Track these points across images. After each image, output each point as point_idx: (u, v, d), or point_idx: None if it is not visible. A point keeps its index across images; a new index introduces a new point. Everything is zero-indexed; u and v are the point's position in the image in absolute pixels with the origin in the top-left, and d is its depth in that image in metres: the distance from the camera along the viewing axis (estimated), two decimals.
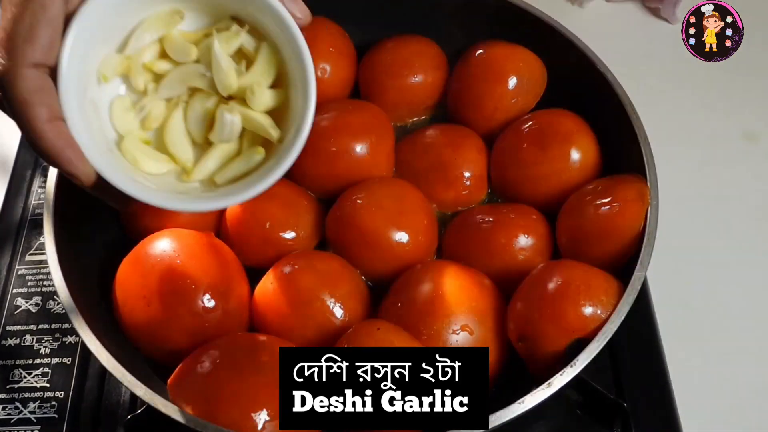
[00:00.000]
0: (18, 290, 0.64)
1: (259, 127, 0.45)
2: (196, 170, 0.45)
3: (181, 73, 0.45)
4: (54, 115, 0.38)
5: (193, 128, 0.46)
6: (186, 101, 0.46)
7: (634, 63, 0.77)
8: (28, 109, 0.37)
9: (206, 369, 0.49)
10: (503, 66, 0.63)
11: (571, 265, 0.53)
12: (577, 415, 0.56)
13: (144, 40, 0.44)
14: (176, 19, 0.44)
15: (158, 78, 0.45)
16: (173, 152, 0.45)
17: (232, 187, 0.45)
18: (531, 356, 0.51)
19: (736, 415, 0.60)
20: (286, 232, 0.59)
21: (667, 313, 0.62)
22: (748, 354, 0.62)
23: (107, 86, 0.44)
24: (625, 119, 0.57)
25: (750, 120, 0.76)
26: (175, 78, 0.45)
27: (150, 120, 0.45)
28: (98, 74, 0.43)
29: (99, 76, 0.43)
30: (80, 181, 0.40)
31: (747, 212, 0.70)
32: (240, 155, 0.46)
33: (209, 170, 0.46)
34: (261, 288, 0.56)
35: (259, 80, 0.44)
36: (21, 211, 0.68)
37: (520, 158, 0.60)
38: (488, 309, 0.53)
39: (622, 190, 0.54)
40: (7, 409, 0.58)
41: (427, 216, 0.59)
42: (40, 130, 0.37)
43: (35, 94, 0.37)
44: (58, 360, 0.60)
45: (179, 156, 0.45)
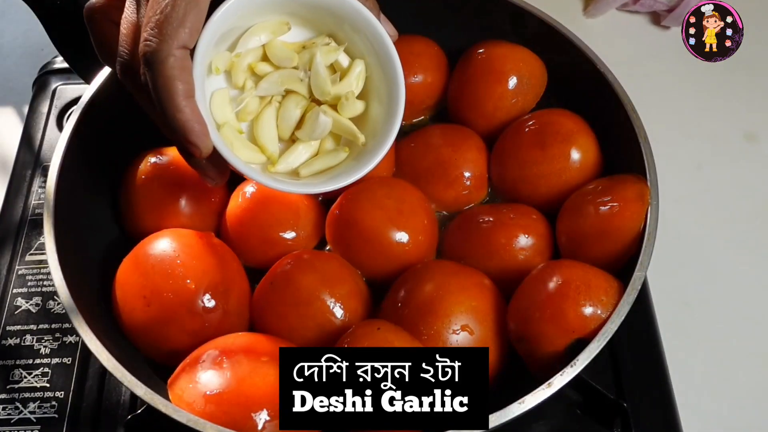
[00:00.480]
0: (18, 290, 0.64)
1: (346, 130, 0.51)
2: (281, 161, 0.51)
3: (281, 75, 0.50)
4: (190, 92, 0.43)
5: (281, 125, 0.51)
6: (279, 101, 0.51)
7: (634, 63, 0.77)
8: (174, 83, 0.42)
9: (206, 369, 0.49)
10: (503, 66, 0.63)
11: (571, 265, 0.53)
12: (577, 415, 0.56)
13: (251, 43, 0.50)
14: (283, 28, 0.50)
15: (255, 77, 0.50)
16: (262, 143, 0.51)
17: (315, 179, 0.51)
18: (531, 356, 0.51)
19: (736, 415, 0.60)
20: (286, 232, 0.59)
21: (667, 313, 0.62)
22: (748, 354, 0.62)
23: (214, 78, 0.49)
24: (625, 119, 0.57)
25: (750, 120, 0.76)
26: (275, 79, 0.50)
27: (245, 113, 0.50)
28: (212, 66, 0.48)
29: (213, 68, 0.48)
30: (199, 152, 0.44)
31: (747, 212, 0.70)
32: (326, 153, 0.52)
33: (292, 163, 0.51)
34: (261, 288, 0.56)
35: (351, 90, 0.50)
36: (21, 211, 0.68)
37: (520, 158, 0.60)
38: (488, 309, 0.53)
39: (622, 190, 0.54)
40: (7, 409, 0.58)
41: (427, 216, 0.59)
42: (181, 105, 0.43)
43: (180, 71, 0.42)
44: (58, 360, 0.60)
45: (267, 147, 0.51)
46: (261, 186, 0.59)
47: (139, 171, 0.59)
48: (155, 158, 0.60)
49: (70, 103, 0.74)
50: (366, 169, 0.49)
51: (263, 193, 0.59)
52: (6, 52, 0.85)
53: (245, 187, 0.60)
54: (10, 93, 0.81)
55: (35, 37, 0.84)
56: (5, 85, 0.82)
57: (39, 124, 0.74)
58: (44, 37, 0.62)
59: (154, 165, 0.59)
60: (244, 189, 0.60)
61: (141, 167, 0.60)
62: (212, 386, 0.48)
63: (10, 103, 0.80)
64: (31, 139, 0.73)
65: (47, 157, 0.71)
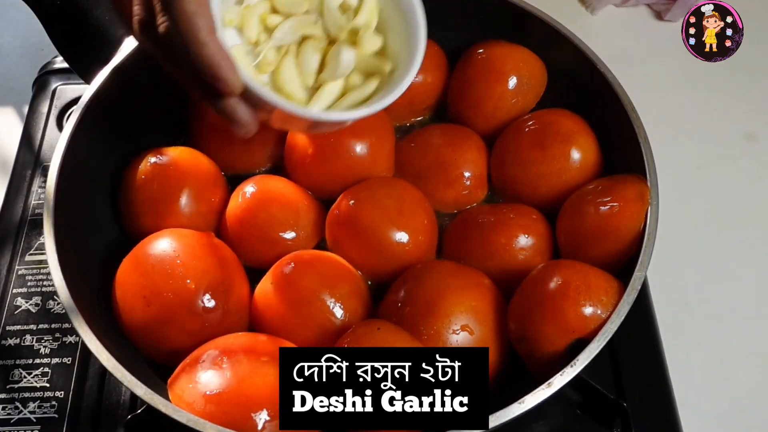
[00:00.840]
0: (18, 290, 0.64)
1: (369, 62, 0.51)
2: (312, 105, 0.50)
3: (294, 22, 0.50)
4: (212, 28, 0.43)
5: (303, 72, 0.51)
6: (295, 50, 0.51)
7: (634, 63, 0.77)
8: (196, 19, 0.42)
9: (206, 369, 0.49)
10: (503, 66, 0.63)
11: (571, 265, 0.53)
12: (577, 415, 0.56)
13: None
14: None
15: (268, 30, 0.51)
16: (288, 91, 0.50)
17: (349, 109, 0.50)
18: (531, 356, 0.51)
19: (736, 415, 0.60)
20: (286, 232, 0.59)
21: (667, 313, 0.62)
22: (747, 354, 0.62)
23: (228, 34, 0.48)
24: (625, 119, 0.57)
25: (750, 120, 0.76)
26: (289, 27, 0.50)
27: (265, 64, 0.50)
28: (225, 19, 0.49)
29: (226, 21, 0.49)
30: (229, 88, 0.44)
31: (747, 212, 0.70)
32: (354, 88, 0.51)
33: (323, 104, 0.51)
34: (261, 288, 0.56)
35: (367, 24, 0.50)
36: (21, 211, 0.68)
37: (520, 158, 0.60)
38: (488, 309, 0.53)
39: (622, 190, 0.54)
40: (7, 409, 0.58)
41: (427, 216, 0.59)
42: (205, 40, 0.43)
43: (199, 6, 0.42)
44: (58, 360, 0.60)
45: (294, 94, 0.50)
46: (261, 186, 0.59)
47: (139, 171, 0.59)
48: (155, 158, 0.60)
49: (70, 103, 0.74)
50: (400, 90, 0.49)
51: (263, 193, 0.59)
52: (6, 52, 0.85)
53: (245, 187, 0.60)
54: (10, 93, 0.81)
55: (35, 37, 0.84)
56: (5, 85, 0.82)
57: (39, 124, 0.74)
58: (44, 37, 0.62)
59: (154, 165, 0.59)
60: (244, 189, 0.60)
61: (141, 167, 0.60)
62: (212, 386, 0.48)
63: (10, 103, 0.80)
64: (31, 139, 0.73)
65: (47, 157, 0.71)
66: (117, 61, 0.59)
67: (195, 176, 0.60)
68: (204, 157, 0.62)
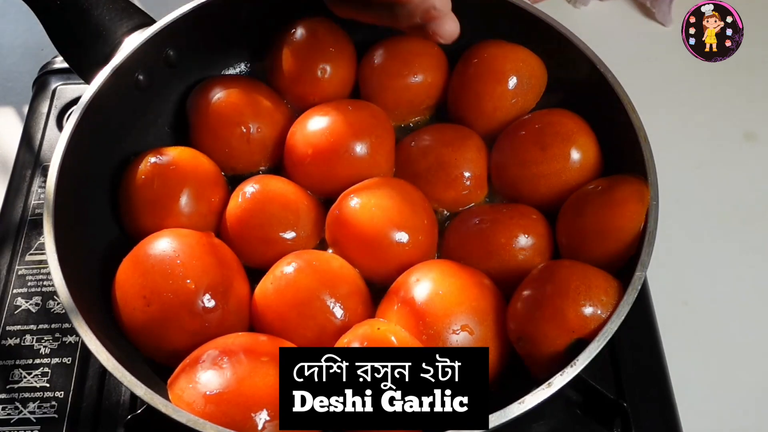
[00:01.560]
0: (18, 290, 0.64)
1: None
2: None
3: None
4: None
5: None
6: None
7: (634, 63, 0.77)
8: None
9: (206, 369, 0.49)
10: (503, 66, 0.63)
11: (571, 265, 0.53)
12: (577, 415, 0.56)
13: None
14: None
15: None
16: None
17: None
18: (531, 356, 0.51)
19: (735, 415, 0.60)
20: (286, 232, 0.59)
21: (667, 313, 0.62)
22: (747, 354, 0.62)
23: None
24: (625, 119, 0.57)
25: (750, 120, 0.76)
26: None
27: None
28: None
29: None
30: None
31: (747, 212, 0.70)
32: None
33: None
34: (261, 288, 0.56)
35: None
36: (21, 211, 0.68)
37: (520, 158, 0.60)
38: (488, 309, 0.53)
39: (622, 190, 0.54)
40: (7, 409, 0.58)
41: (427, 216, 0.59)
42: None
43: None
44: (58, 360, 0.60)
45: None
46: (261, 186, 0.60)
47: (139, 171, 0.59)
48: (155, 158, 0.60)
49: (70, 103, 0.74)
50: None
51: (263, 193, 0.59)
52: (6, 52, 0.85)
53: (245, 187, 0.60)
54: (10, 93, 0.81)
55: (35, 37, 0.84)
56: (5, 85, 0.82)
57: (39, 124, 0.74)
58: (44, 37, 0.62)
59: (154, 165, 0.59)
60: (244, 189, 0.60)
61: (141, 167, 0.60)
62: (212, 386, 0.48)
63: (10, 103, 0.80)
64: (31, 139, 0.73)
65: (47, 157, 0.71)
66: (117, 61, 0.59)
67: (195, 176, 0.60)
68: (204, 157, 0.62)
